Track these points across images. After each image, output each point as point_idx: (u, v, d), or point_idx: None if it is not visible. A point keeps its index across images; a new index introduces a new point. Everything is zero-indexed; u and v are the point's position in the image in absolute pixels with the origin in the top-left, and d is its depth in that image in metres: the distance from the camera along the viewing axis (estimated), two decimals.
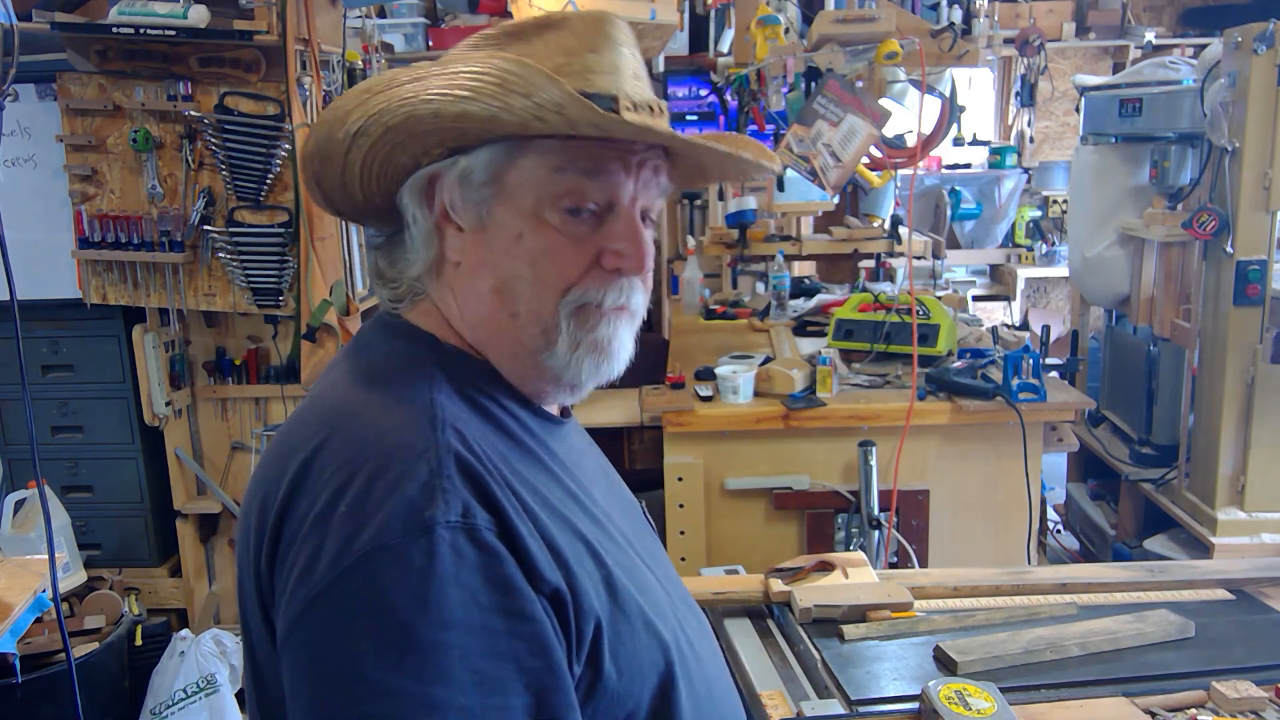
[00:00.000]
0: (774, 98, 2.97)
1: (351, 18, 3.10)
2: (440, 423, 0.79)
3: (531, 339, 0.86)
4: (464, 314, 0.89)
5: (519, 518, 0.78)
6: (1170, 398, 2.97)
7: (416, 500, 0.74)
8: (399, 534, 0.72)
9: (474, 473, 0.77)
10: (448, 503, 0.74)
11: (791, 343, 3.26)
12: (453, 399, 0.83)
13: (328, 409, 0.85)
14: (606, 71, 0.86)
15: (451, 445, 0.78)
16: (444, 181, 0.87)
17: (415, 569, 0.72)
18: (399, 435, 0.79)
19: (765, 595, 1.59)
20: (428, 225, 0.89)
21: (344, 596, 0.73)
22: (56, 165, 2.73)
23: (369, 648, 0.71)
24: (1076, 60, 6.06)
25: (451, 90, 0.80)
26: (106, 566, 2.94)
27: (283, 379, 2.93)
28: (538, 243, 0.85)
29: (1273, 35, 2.34)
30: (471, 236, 0.87)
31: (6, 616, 1.81)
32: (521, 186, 0.85)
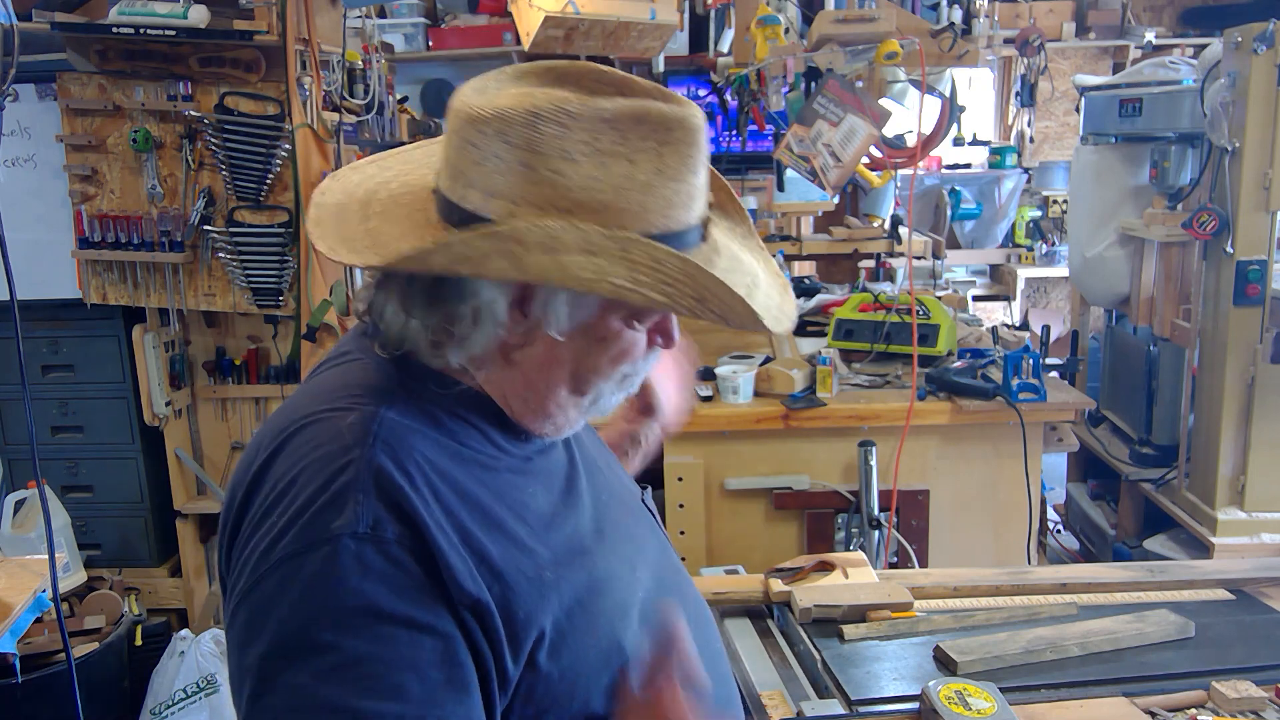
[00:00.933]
0: (774, 98, 2.96)
1: (351, 18, 3.10)
2: (373, 436, 0.81)
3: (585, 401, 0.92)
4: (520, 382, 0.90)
5: (440, 532, 0.79)
6: (1170, 398, 2.97)
7: (326, 511, 0.77)
8: (304, 543, 0.77)
9: (392, 486, 0.79)
10: (357, 514, 0.77)
11: (791, 343, 3.26)
12: (408, 415, 0.85)
13: (290, 414, 0.87)
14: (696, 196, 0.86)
15: (375, 460, 0.80)
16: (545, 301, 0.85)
17: (315, 576, 0.75)
18: (331, 446, 0.81)
19: (765, 595, 1.59)
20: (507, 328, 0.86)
21: (257, 600, 0.77)
22: (56, 165, 2.73)
23: (273, 649, 0.75)
24: (1076, 60, 6.06)
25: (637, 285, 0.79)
26: (106, 566, 2.94)
27: (283, 379, 2.93)
28: (616, 344, 0.89)
29: (1273, 35, 2.34)
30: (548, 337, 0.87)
31: (6, 616, 1.81)
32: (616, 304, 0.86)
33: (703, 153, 0.84)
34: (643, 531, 1.05)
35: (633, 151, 0.80)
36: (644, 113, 0.80)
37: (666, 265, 0.79)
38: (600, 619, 0.87)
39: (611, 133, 0.79)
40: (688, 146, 0.82)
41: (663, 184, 0.81)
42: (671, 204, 0.82)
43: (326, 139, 2.79)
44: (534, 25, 3.73)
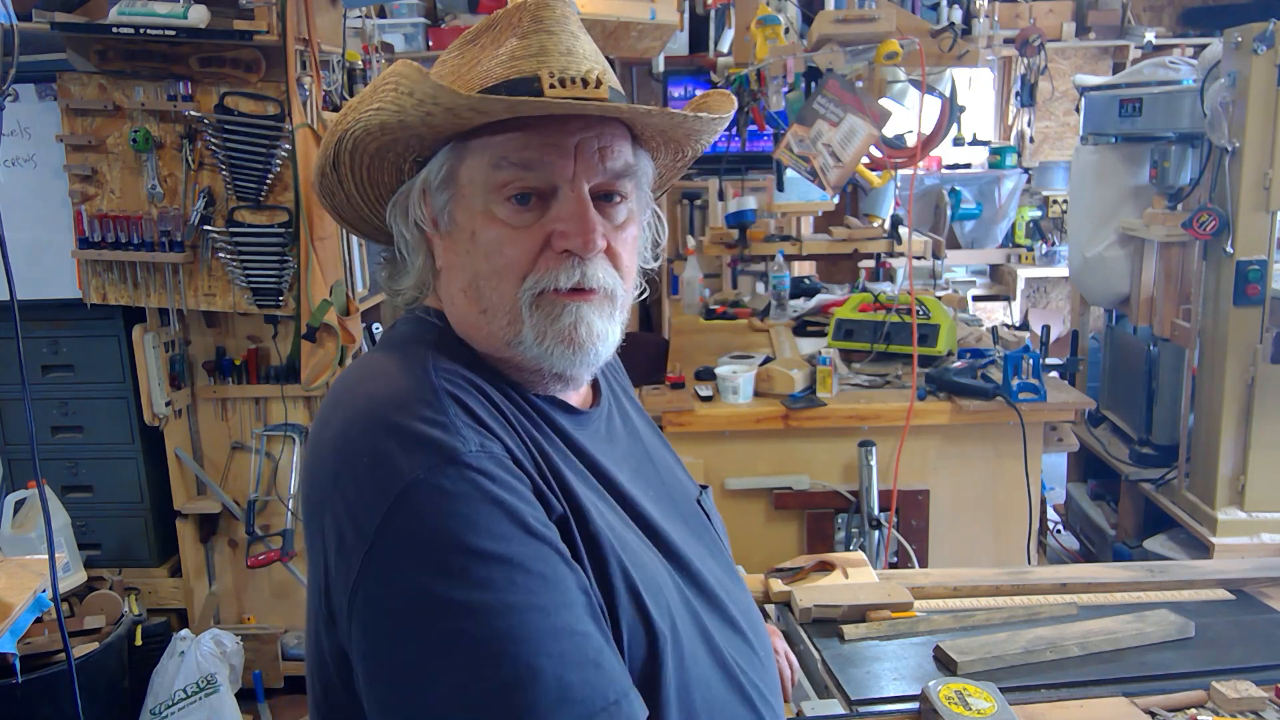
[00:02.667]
0: (774, 98, 2.96)
1: (351, 18, 3.10)
2: (433, 370, 0.84)
3: (502, 331, 0.88)
4: (453, 314, 0.93)
5: (524, 452, 0.83)
6: (1170, 398, 2.97)
7: (434, 437, 0.78)
8: (427, 469, 0.76)
9: (475, 413, 0.82)
10: (464, 437, 0.79)
11: (791, 343, 3.26)
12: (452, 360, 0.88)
13: (340, 388, 0.89)
14: (533, 54, 0.88)
15: (448, 389, 0.82)
16: (413, 194, 0.91)
17: (457, 495, 0.75)
18: (398, 385, 0.83)
19: (765, 595, 1.59)
20: (411, 237, 0.93)
21: (394, 537, 0.75)
22: (56, 165, 2.72)
23: (434, 573, 0.74)
24: (1076, 60, 6.06)
25: (373, 105, 0.85)
26: (106, 566, 2.94)
27: (283, 379, 2.93)
28: (489, 237, 0.87)
29: (1273, 35, 2.35)
30: (443, 242, 0.91)
31: (6, 616, 1.81)
32: (471, 185, 0.88)
33: (541, 22, 0.89)
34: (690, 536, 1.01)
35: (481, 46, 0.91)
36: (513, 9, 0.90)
37: (391, 77, 0.84)
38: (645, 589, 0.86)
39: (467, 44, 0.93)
40: (523, 20, 0.89)
41: (490, 54, 0.89)
42: (490, 68, 0.88)
43: None
44: None
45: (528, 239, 0.86)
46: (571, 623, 0.75)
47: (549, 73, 0.86)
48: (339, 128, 0.90)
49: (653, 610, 0.84)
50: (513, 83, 0.86)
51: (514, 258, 0.86)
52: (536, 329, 0.87)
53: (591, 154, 0.87)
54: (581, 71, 0.87)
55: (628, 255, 0.91)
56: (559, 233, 0.86)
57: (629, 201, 0.91)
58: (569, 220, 0.86)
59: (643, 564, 0.87)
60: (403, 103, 0.83)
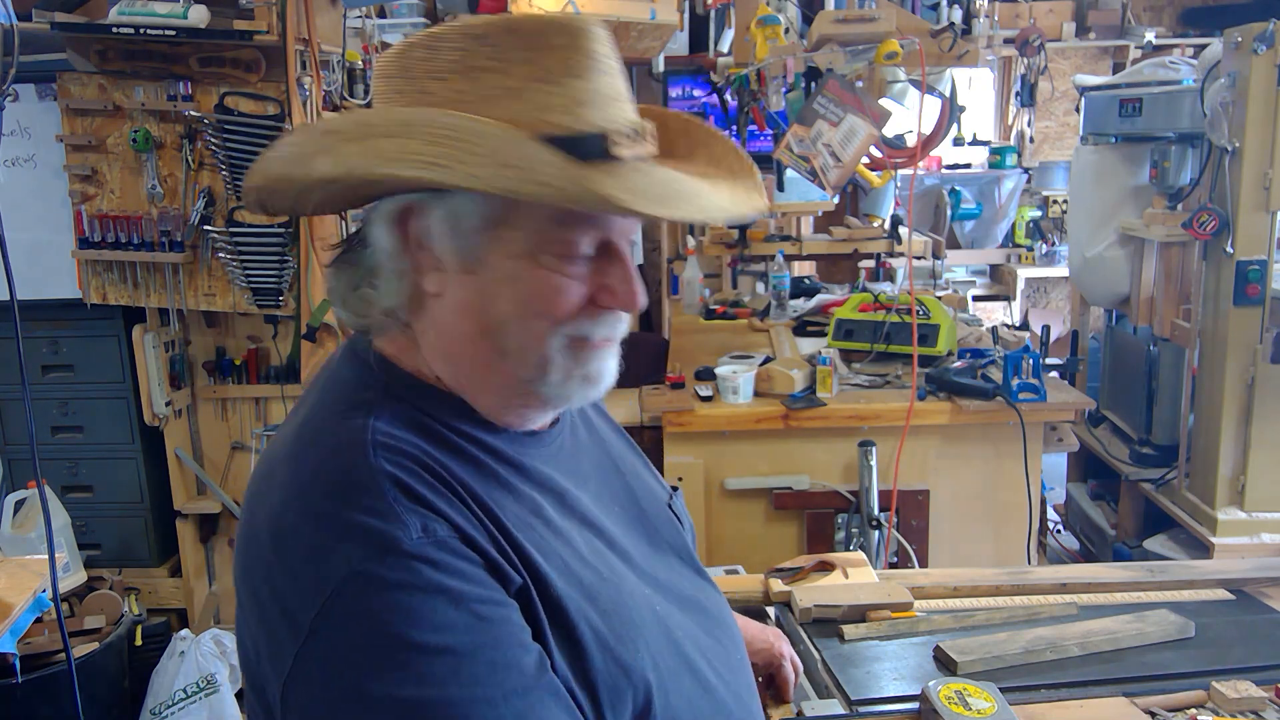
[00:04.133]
0: (774, 98, 2.96)
1: (351, 18, 3.10)
2: (371, 448, 0.78)
3: (525, 371, 0.85)
4: (443, 347, 0.86)
5: (474, 528, 0.78)
6: (1170, 398, 2.97)
7: (374, 527, 0.73)
8: (364, 560, 0.72)
9: (416, 493, 0.76)
10: (405, 523, 0.74)
11: (791, 343, 3.27)
12: (395, 422, 0.82)
13: (278, 451, 0.85)
14: (594, 102, 0.79)
15: (387, 470, 0.77)
16: (424, 220, 0.82)
17: (397, 586, 0.71)
18: (336, 469, 0.77)
19: (765, 595, 1.59)
20: (402, 260, 0.84)
21: (330, 632, 0.71)
22: (56, 165, 2.72)
23: (371, 669, 0.70)
24: (1076, 60, 6.06)
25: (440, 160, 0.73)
26: (106, 566, 2.94)
27: (283, 379, 2.93)
28: (532, 286, 0.81)
29: (1273, 35, 2.34)
30: (456, 276, 0.83)
31: (6, 616, 1.81)
32: (517, 232, 0.81)
33: (595, 58, 0.79)
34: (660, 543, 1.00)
35: (507, 63, 0.78)
36: (515, 24, 0.79)
37: (461, 130, 0.74)
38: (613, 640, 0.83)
39: (484, 48, 0.79)
40: (571, 51, 0.78)
41: (538, 89, 0.78)
42: (549, 108, 0.77)
43: None
44: None
45: (577, 290, 0.83)
46: (524, 710, 0.72)
47: (615, 128, 0.79)
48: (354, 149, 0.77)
49: (631, 661, 0.82)
50: (585, 139, 0.77)
51: (560, 307, 0.82)
52: (565, 371, 0.85)
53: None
54: (636, 123, 0.82)
55: None
56: (608, 291, 0.84)
57: None
58: (620, 281, 0.84)
59: (617, 605, 0.85)
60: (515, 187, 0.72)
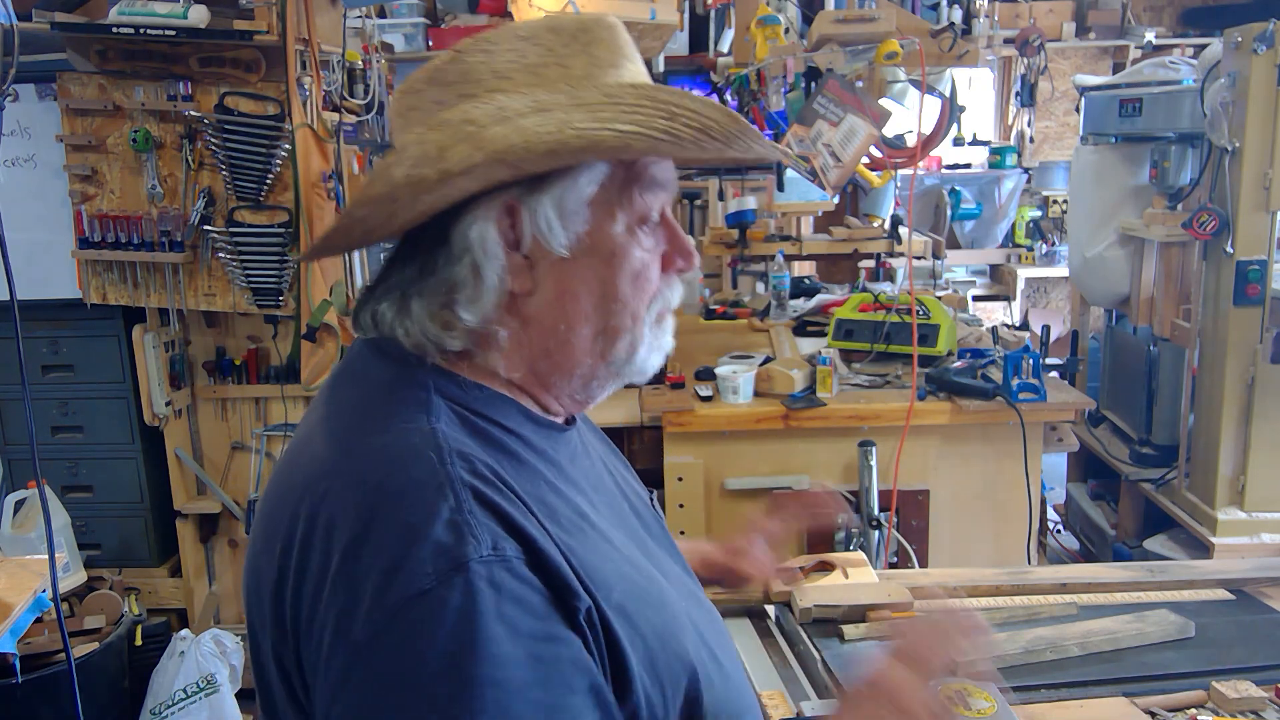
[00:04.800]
0: (774, 98, 2.96)
1: (351, 18, 3.10)
2: (448, 454, 0.76)
3: (622, 347, 0.86)
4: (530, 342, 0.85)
5: (545, 541, 0.75)
6: (1170, 398, 2.97)
7: (444, 540, 0.71)
8: (433, 578, 0.70)
9: (493, 503, 0.74)
10: (477, 538, 0.71)
11: (791, 343, 3.26)
12: (452, 424, 0.80)
13: (327, 450, 0.80)
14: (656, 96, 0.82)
15: (464, 478, 0.74)
16: (528, 211, 0.81)
17: (456, 610, 0.69)
18: (408, 473, 0.75)
19: (765, 595, 1.59)
20: (504, 259, 0.82)
21: (386, 651, 0.69)
22: (56, 165, 2.72)
23: (423, 699, 0.68)
24: (1076, 60, 6.06)
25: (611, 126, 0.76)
26: (106, 566, 2.94)
27: (283, 379, 2.93)
28: (633, 259, 0.84)
29: (1273, 35, 2.35)
30: (551, 266, 0.83)
31: (6, 616, 1.81)
32: (610, 206, 0.83)
33: (629, 45, 0.86)
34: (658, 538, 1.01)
35: (561, 57, 0.82)
36: (557, 22, 0.83)
37: (622, 95, 0.78)
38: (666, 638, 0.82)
39: (535, 47, 0.82)
40: (612, 39, 0.84)
41: (602, 72, 0.82)
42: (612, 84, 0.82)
43: (326, 139, 2.79)
44: None
45: (658, 261, 0.87)
46: None
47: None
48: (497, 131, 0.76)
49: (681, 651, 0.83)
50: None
51: (654, 281, 0.86)
52: (650, 345, 0.87)
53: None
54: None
55: None
56: (684, 254, 0.88)
57: None
58: (683, 245, 0.88)
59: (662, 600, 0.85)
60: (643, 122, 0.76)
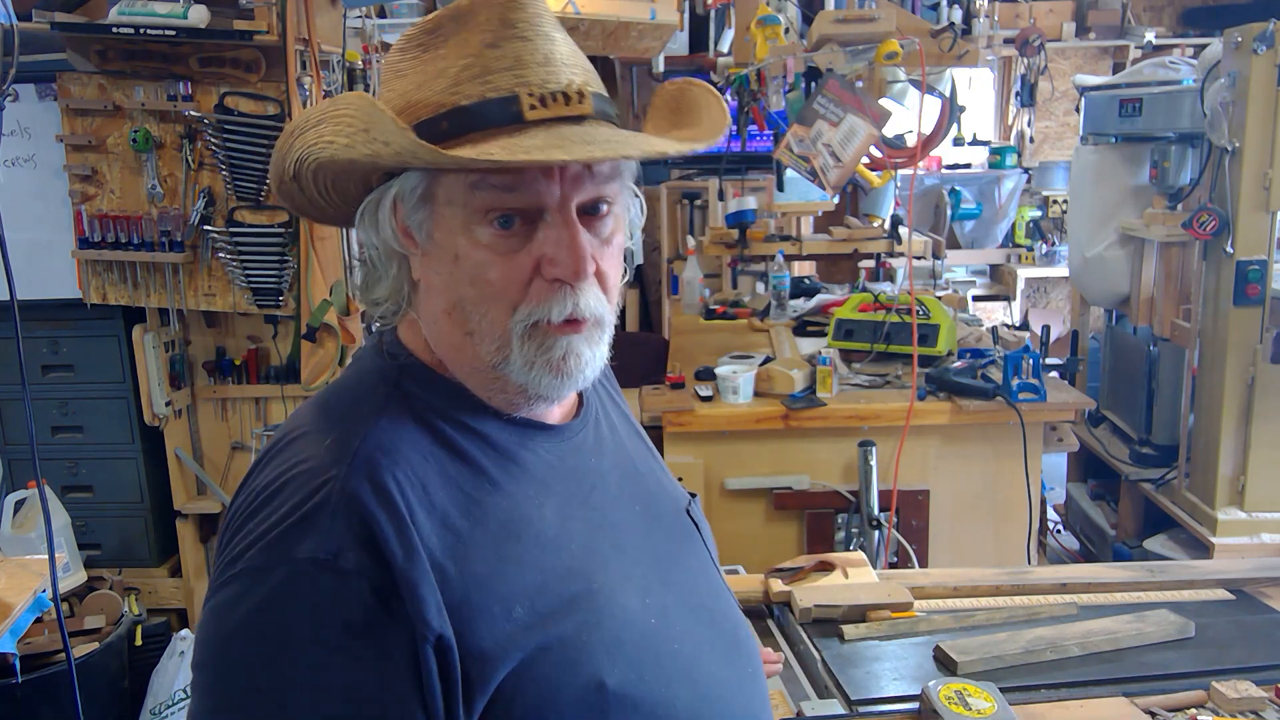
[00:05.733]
0: (774, 98, 2.96)
1: (351, 18, 3.10)
2: (353, 455, 0.79)
3: (489, 354, 0.84)
4: (428, 332, 0.88)
5: (410, 562, 0.75)
6: (1170, 398, 2.97)
7: (293, 532, 0.75)
8: (266, 560, 0.75)
9: (363, 512, 0.76)
10: (321, 540, 0.75)
11: (791, 343, 3.27)
12: (400, 424, 0.83)
13: (292, 422, 0.87)
14: (508, 67, 0.80)
15: (349, 484, 0.77)
16: (384, 207, 0.85)
17: (268, 596, 0.74)
18: (312, 463, 0.79)
19: (765, 595, 1.59)
20: (384, 248, 0.87)
21: (213, 609, 0.77)
22: (56, 165, 2.72)
23: (213, 660, 0.76)
24: (1076, 60, 6.06)
25: (336, 138, 0.79)
26: (106, 566, 2.94)
27: (283, 379, 2.93)
28: (473, 261, 0.81)
29: (1273, 35, 2.34)
30: (423, 259, 0.85)
31: (6, 616, 1.81)
32: (449, 205, 0.82)
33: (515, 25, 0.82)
34: (676, 549, 0.98)
35: (446, 45, 0.83)
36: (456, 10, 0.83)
37: (344, 108, 0.80)
38: (583, 655, 0.81)
39: (432, 36, 0.84)
40: (492, 23, 0.81)
41: (462, 63, 0.81)
42: (462, 80, 0.80)
43: None
44: None
45: (515, 266, 0.81)
46: None
47: (528, 91, 0.79)
48: (289, 148, 0.84)
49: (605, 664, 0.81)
50: (490, 104, 0.79)
51: (502, 286, 0.81)
52: (525, 358, 0.83)
53: (577, 170, 0.81)
54: (562, 84, 0.81)
55: (614, 271, 0.87)
56: (548, 259, 0.81)
57: (615, 204, 0.86)
58: (558, 248, 0.81)
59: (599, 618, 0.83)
60: (378, 149, 0.77)
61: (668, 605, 0.90)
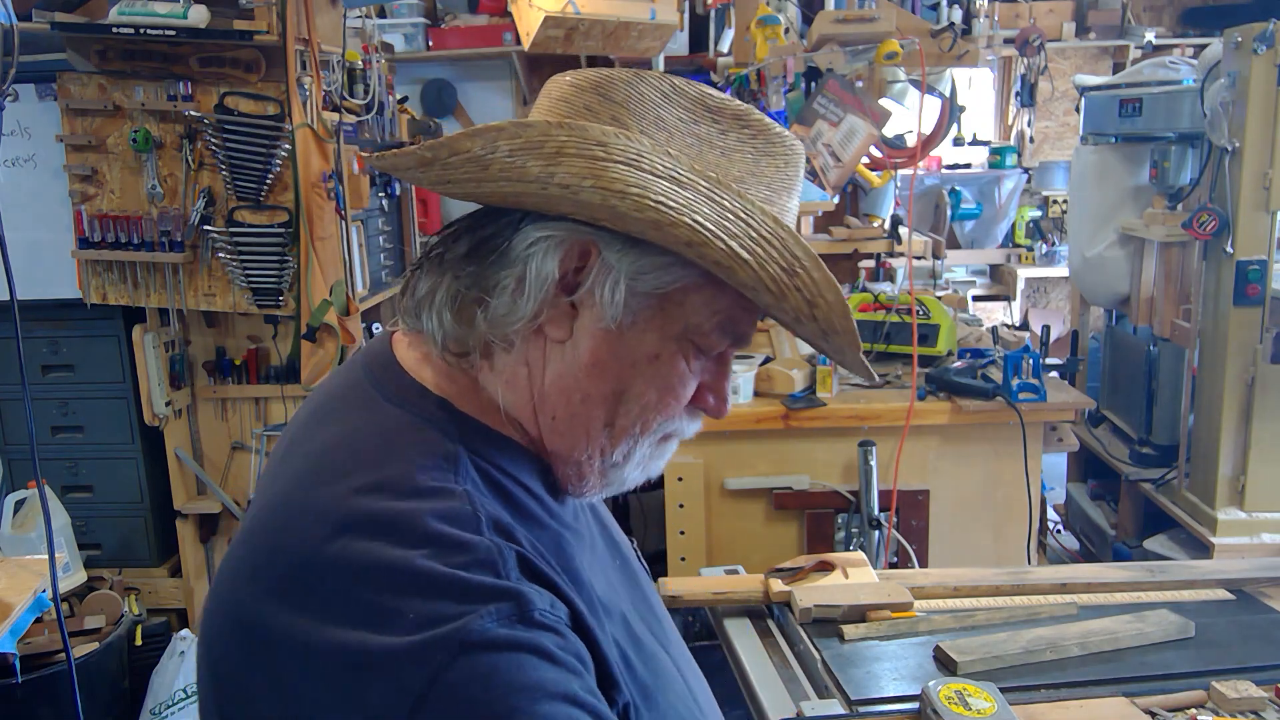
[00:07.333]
0: (774, 98, 2.96)
1: (351, 18, 3.10)
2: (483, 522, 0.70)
3: (611, 450, 0.80)
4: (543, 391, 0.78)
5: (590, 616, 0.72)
6: (1170, 398, 2.97)
7: (502, 587, 0.66)
8: (492, 620, 0.64)
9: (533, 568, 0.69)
10: (529, 599, 0.66)
11: (791, 343, 3.26)
12: (478, 485, 0.73)
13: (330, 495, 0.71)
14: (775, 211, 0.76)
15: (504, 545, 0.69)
16: (601, 262, 0.74)
17: (528, 646, 0.64)
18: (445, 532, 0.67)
19: (765, 595, 1.59)
20: (548, 287, 0.75)
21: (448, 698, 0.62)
22: (56, 165, 2.72)
23: None
24: (1076, 60, 6.06)
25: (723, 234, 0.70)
26: (106, 566, 2.94)
27: (283, 379, 2.93)
28: (670, 373, 0.78)
29: (1273, 35, 2.34)
30: (599, 330, 0.76)
31: (6, 616, 1.81)
32: (682, 314, 0.76)
33: (799, 179, 0.80)
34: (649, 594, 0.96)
35: (729, 147, 0.76)
36: (747, 114, 0.77)
37: (759, 221, 0.71)
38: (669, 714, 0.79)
39: (711, 121, 0.76)
40: (787, 164, 0.78)
41: (754, 185, 0.76)
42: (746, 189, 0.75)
43: (326, 139, 2.79)
44: (534, 25, 3.73)
45: (689, 389, 0.80)
46: None
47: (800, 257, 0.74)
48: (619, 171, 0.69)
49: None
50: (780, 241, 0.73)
51: (676, 403, 0.79)
52: (642, 461, 0.81)
53: None
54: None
55: None
56: (713, 394, 0.81)
57: None
58: (721, 391, 0.82)
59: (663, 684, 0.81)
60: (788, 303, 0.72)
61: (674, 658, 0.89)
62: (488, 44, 4.59)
